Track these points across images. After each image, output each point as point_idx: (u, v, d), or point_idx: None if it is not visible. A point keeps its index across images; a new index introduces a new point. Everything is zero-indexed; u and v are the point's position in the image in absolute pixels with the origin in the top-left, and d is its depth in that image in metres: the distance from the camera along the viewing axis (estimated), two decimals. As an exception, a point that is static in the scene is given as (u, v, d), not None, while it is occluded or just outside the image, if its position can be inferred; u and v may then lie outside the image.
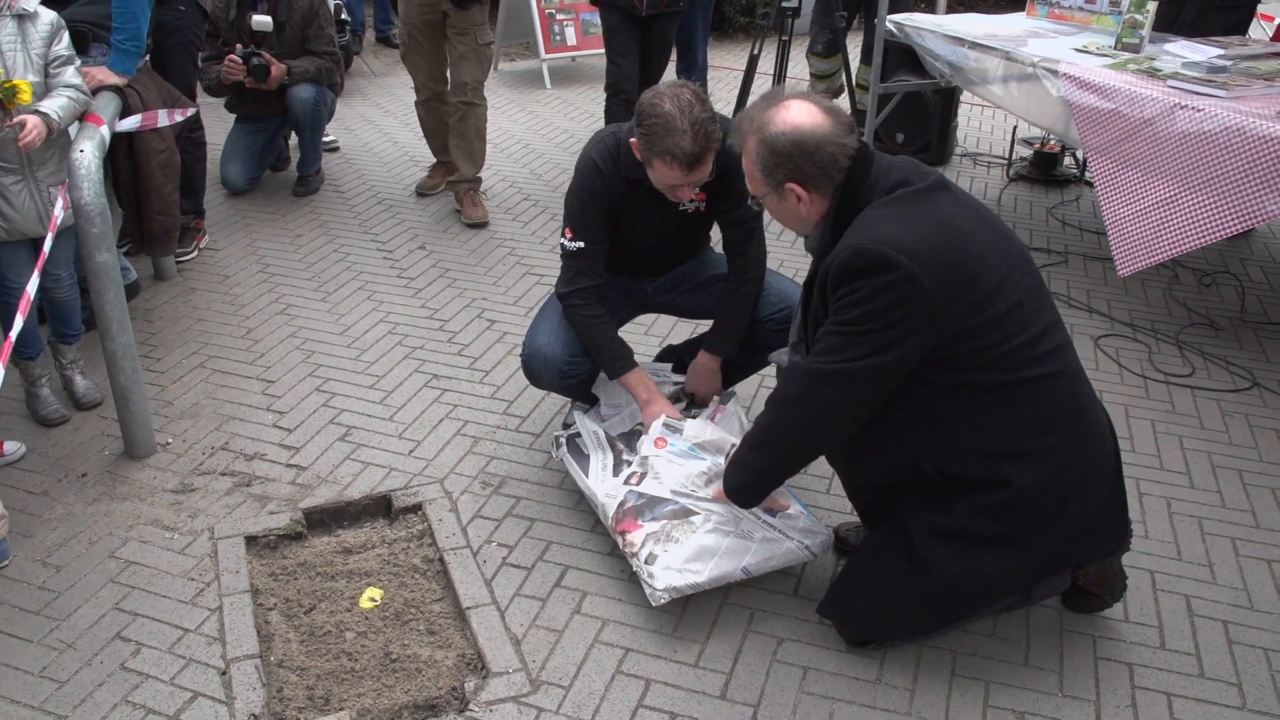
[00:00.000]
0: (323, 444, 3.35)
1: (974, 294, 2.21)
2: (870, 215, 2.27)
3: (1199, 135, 3.72)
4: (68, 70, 3.21)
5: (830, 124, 2.33)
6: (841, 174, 2.32)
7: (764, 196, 2.43)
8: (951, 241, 2.22)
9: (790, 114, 2.34)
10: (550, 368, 3.06)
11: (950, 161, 6.02)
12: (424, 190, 5.44)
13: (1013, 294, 2.25)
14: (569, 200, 3.03)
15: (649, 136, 2.73)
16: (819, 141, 2.30)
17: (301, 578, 2.83)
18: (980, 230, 2.31)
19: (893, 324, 2.19)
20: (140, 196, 3.82)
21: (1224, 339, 4.13)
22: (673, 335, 3.99)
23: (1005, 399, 2.29)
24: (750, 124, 2.39)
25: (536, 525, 2.99)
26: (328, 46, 5.24)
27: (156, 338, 3.95)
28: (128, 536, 2.92)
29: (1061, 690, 2.48)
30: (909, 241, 2.18)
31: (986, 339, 2.24)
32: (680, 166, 2.71)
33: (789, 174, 2.33)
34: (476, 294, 4.35)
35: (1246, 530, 3.05)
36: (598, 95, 7.23)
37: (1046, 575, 2.55)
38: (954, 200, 2.33)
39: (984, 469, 2.34)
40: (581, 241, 2.98)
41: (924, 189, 2.30)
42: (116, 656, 2.52)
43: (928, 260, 2.16)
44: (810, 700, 2.43)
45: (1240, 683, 2.53)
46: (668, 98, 2.72)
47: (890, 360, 2.22)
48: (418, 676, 2.52)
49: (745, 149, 2.41)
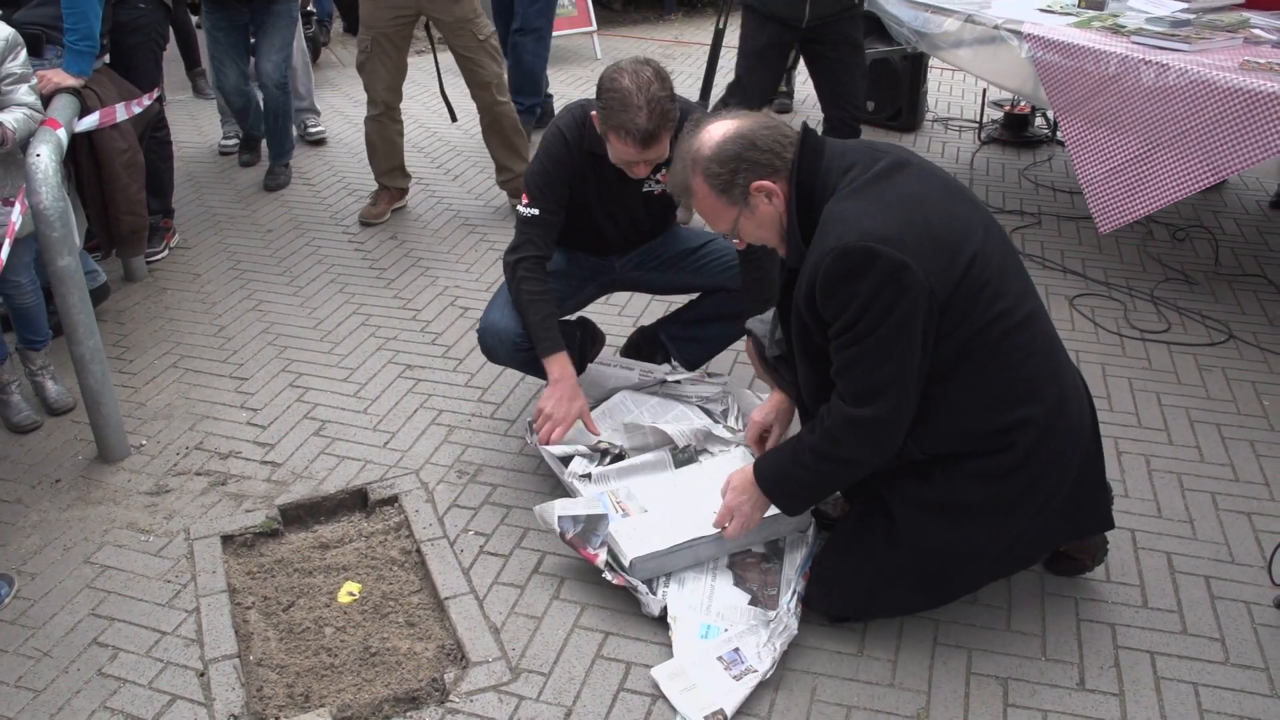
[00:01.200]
0: (297, 439, 3.32)
1: (956, 268, 2.18)
2: (839, 209, 2.22)
3: (1165, 90, 3.71)
4: (21, 88, 3.17)
5: (752, 119, 2.33)
6: (792, 152, 2.28)
7: (736, 222, 2.36)
8: (926, 219, 2.18)
9: (713, 129, 2.32)
10: (503, 341, 3.04)
11: (921, 127, 5.99)
12: (368, 220, 4.86)
13: (989, 264, 2.22)
14: (530, 167, 3.02)
15: (605, 110, 2.72)
16: (753, 133, 2.28)
17: (279, 575, 2.81)
18: (949, 202, 2.27)
19: (902, 323, 2.14)
20: (106, 198, 3.78)
21: (1199, 293, 4.12)
22: (645, 316, 3.96)
23: (988, 372, 2.26)
24: (684, 166, 2.34)
25: (513, 512, 2.98)
26: None
27: (128, 339, 3.91)
28: (103, 541, 2.90)
29: (1044, 654, 2.48)
30: (891, 230, 2.13)
31: (971, 311, 2.20)
32: (634, 143, 2.70)
33: (747, 173, 2.27)
34: (450, 282, 4.32)
35: (1226, 484, 3.04)
36: (566, 76, 7.20)
37: (1030, 554, 2.55)
38: (917, 176, 2.29)
39: (970, 444, 2.33)
40: (536, 209, 2.96)
41: (883, 170, 2.26)
42: (93, 662, 2.50)
43: (910, 244, 2.12)
44: (792, 676, 2.42)
45: (1223, 637, 2.53)
46: (627, 73, 2.70)
47: (915, 364, 2.19)
48: (398, 669, 2.50)
49: (695, 192, 2.35)
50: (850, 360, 2.22)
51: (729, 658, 2.40)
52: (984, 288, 2.21)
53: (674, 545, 2.59)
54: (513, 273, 2.97)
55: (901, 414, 2.24)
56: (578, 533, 2.66)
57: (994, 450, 2.31)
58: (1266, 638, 2.52)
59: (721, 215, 2.36)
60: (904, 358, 2.18)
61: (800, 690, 2.39)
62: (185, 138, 5.94)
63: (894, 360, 2.18)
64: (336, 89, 7.04)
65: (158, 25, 4.33)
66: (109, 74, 3.91)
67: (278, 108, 5.21)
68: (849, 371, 2.24)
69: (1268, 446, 3.21)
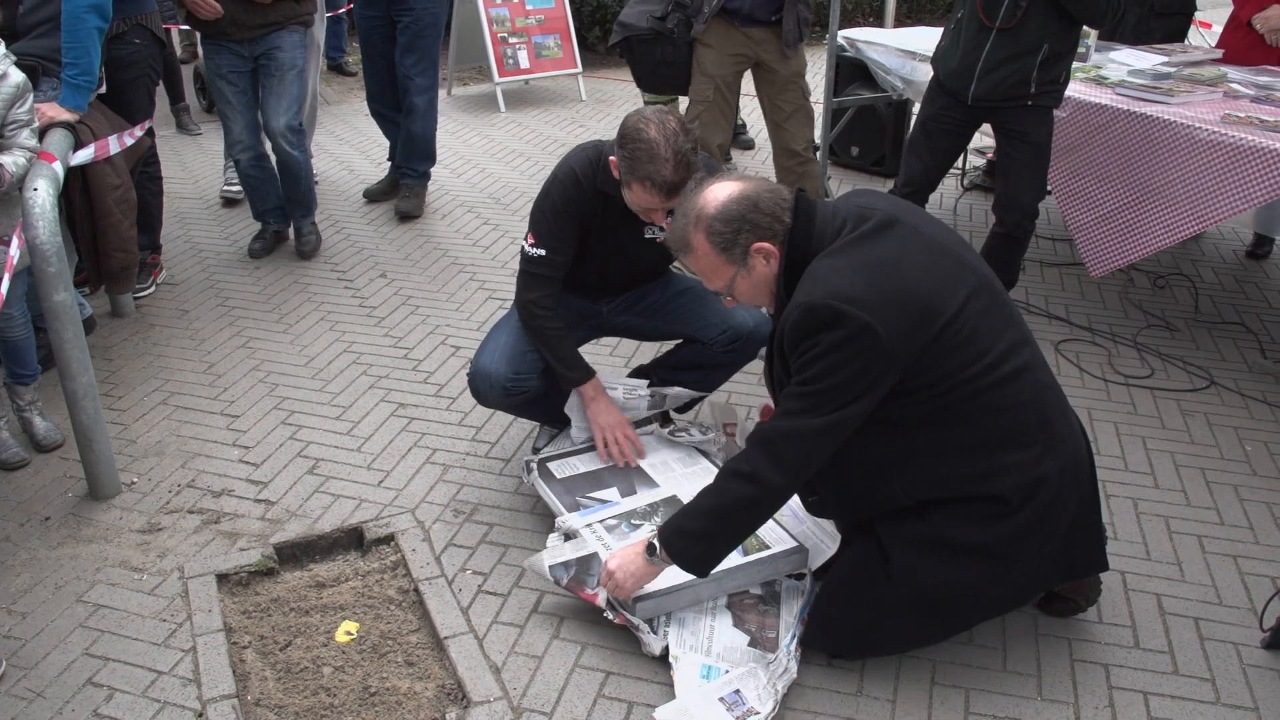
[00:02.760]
0: (291, 477, 3.31)
1: (930, 329, 2.23)
2: (817, 268, 2.28)
3: (1151, 141, 3.81)
4: (24, 133, 3.18)
5: (752, 183, 2.40)
6: (788, 217, 2.34)
7: (732, 280, 2.41)
8: (902, 282, 2.24)
9: (717, 190, 2.38)
10: (494, 386, 3.05)
11: (904, 173, 6.08)
12: None
13: (969, 321, 2.28)
14: (541, 205, 3.01)
15: (631, 160, 2.74)
16: (756, 195, 2.35)
17: (275, 614, 2.79)
18: (933, 261, 2.32)
19: (854, 376, 2.21)
20: (97, 234, 3.77)
21: (1180, 339, 4.20)
22: (638, 356, 3.99)
23: (971, 422, 2.32)
24: (687, 223, 2.40)
25: (511, 551, 2.98)
26: None
27: (116, 375, 3.89)
28: (95, 579, 2.88)
29: (1040, 694, 2.50)
30: (858, 291, 2.20)
31: (947, 368, 2.27)
32: (659, 193, 2.74)
33: (749, 235, 2.34)
34: (440, 320, 4.34)
35: (1211, 528, 3.10)
36: (551, 118, 7.27)
37: (1025, 594, 2.58)
38: (904, 234, 2.33)
39: (959, 490, 2.37)
40: (544, 249, 2.97)
41: (868, 231, 2.32)
42: (89, 703, 2.48)
43: (877, 307, 2.18)
44: (794, 716, 2.43)
45: (1214, 678, 2.56)
46: (654, 124, 2.74)
47: (857, 410, 2.26)
48: (398, 709, 2.49)
49: (694, 249, 2.40)
50: (793, 394, 2.30)
51: (730, 699, 2.41)
52: (961, 347, 2.27)
53: (674, 585, 2.60)
54: (530, 315, 3.01)
55: (812, 440, 2.28)
56: (572, 577, 2.67)
57: (982, 496, 2.36)
58: (1255, 679, 2.56)
59: (719, 273, 2.41)
60: (841, 404, 2.25)
61: (802, 731, 2.40)
62: (170, 173, 5.92)
63: (830, 403, 2.25)
64: (321, 126, 7.05)
65: (152, 60, 4.34)
66: (100, 108, 3.91)
67: (292, 164, 4.74)
68: (787, 401, 2.31)
69: (1250, 491, 3.27)
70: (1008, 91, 3.76)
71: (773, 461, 2.31)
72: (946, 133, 4.02)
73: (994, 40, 3.70)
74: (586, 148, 3.02)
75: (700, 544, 2.43)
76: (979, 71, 3.76)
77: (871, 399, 2.25)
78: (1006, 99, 3.78)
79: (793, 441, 2.29)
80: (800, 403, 2.27)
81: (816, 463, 2.32)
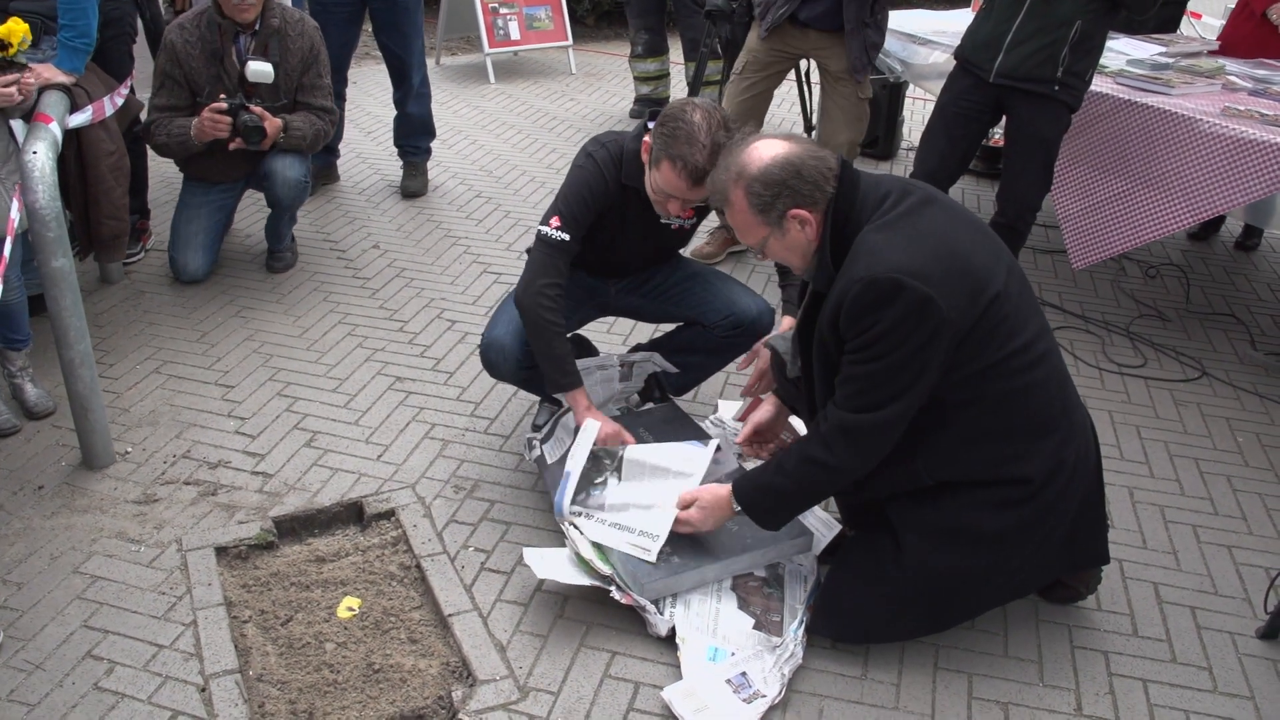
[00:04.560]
0: (288, 450, 3.28)
1: (979, 303, 2.24)
2: (870, 240, 2.27)
3: (1150, 132, 3.81)
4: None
5: (801, 146, 2.36)
6: (832, 187, 2.33)
7: (765, 240, 2.40)
8: (955, 254, 2.25)
9: (763, 148, 2.35)
10: (508, 358, 3.04)
11: (897, 156, 6.09)
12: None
13: (1008, 301, 2.29)
14: (568, 190, 2.94)
15: (669, 137, 2.71)
16: (801, 160, 2.32)
17: (275, 588, 2.77)
18: (975, 239, 2.34)
19: (918, 350, 2.21)
20: (89, 201, 3.71)
21: (1172, 329, 4.23)
22: (635, 334, 3.98)
23: (1003, 405, 2.34)
24: (727, 177, 2.37)
25: (513, 529, 2.97)
26: (325, 100, 4.23)
27: (107, 343, 3.84)
28: (91, 550, 2.84)
29: (1042, 680, 2.53)
30: (917, 263, 2.19)
31: (988, 346, 2.28)
32: (686, 177, 2.71)
33: (788, 200, 2.32)
34: (435, 294, 4.30)
35: (1206, 517, 3.13)
36: (541, 90, 7.22)
37: (1030, 583, 2.61)
38: (946, 212, 2.35)
39: (982, 473, 2.39)
40: (568, 234, 2.90)
41: (914, 204, 2.32)
42: (89, 676, 2.45)
43: (938, 280, 2.19)
44: (799, 698, 2.45)
45: (1210, 667, 2.60)
46: (701, 110, 2.72)
47: (923, 386, 2.26)
48: (402, 686, 2.48)
49: (732, 204, 2.38)
50: (859, 374, 2.29)
51: (737, 681, 2.42)
52: (1001, 324, 2.28)
53: (684, 568, 2.60)
54: (536, 304, 2.87)
55: (894, 427, 2.31)
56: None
57: (1004, 481, 2.37)
58: (1251, 667, 2.60)
59: (753, 231, 2.40)
60: (911, 381, 2.25)
61: (807, 712, 2.41)
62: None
63: (900, 382, 2.25)
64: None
65: (129, 18, 4.22)
66: (94, 69, 3.82)
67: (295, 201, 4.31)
68: (854, 383, 2.30)
69: (1243, 482, 3.31)
70: (1033, 70, 3.69)
71: (857, 454, 2.35)
72: (965, 118, 3.96)
73: (1028, 10, 3.66)
74: (606, 140, 2.97)
75: (776, 514, 2.54)
76: (1008, 44, 3.71)
77: (934, 373, 2.25)
78: (1030, 79, 3.71)
79: (875, 433, 2.31)
80: (870, 384, 2.27)
81: (890, 446, 2.36)
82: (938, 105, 4.06)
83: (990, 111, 3.95)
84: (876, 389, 2.27)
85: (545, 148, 6.05)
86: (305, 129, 4.13)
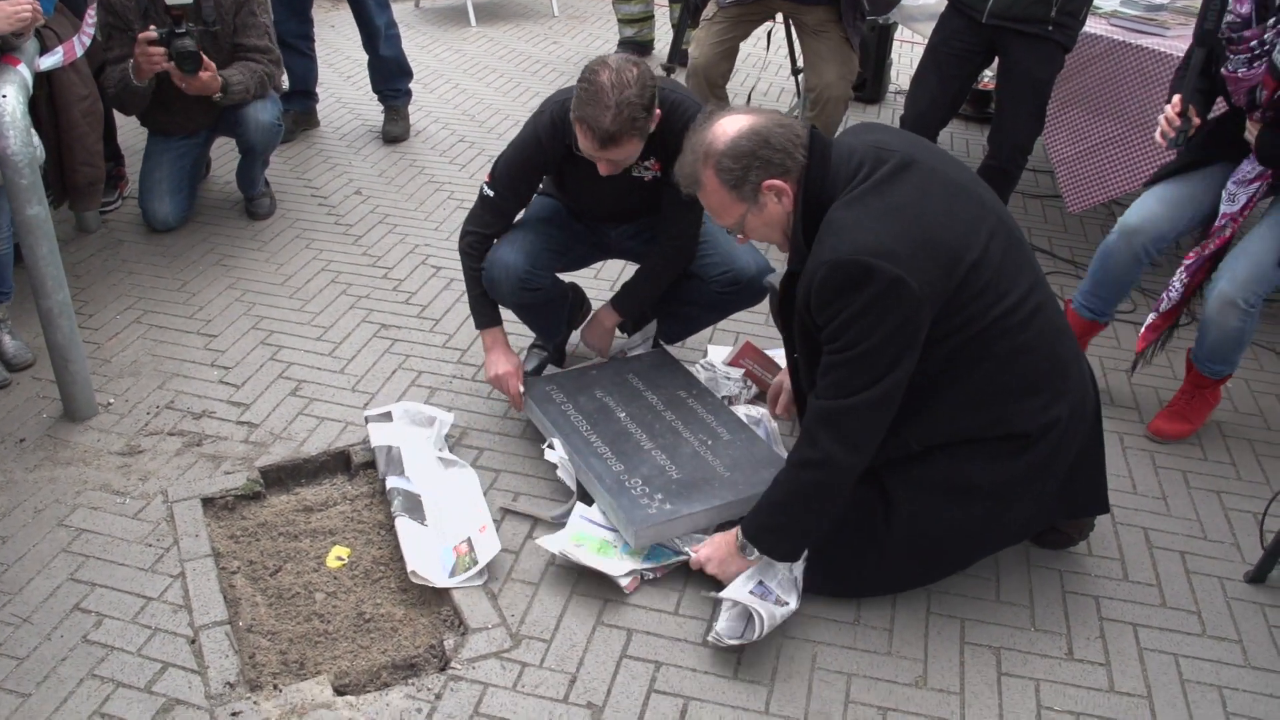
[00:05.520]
0: (273, 399, 3.24)
1: (955, 275, 2.19)
2: (838, 219, 2.21)
3: (1145, 74, 3.77)
4: None
5: (766, 116, 2.31)
6: (803, 154, 2.27)
7: (743, 218, 2.34)
8: (926, 228, 2.18)
9: (727, 124, 2.29)
10: (510, 275, 3.00)
11: (885, 99, 6.02)
12: None
13: (991, 263, 2.24)
14: (506, 150, 2.99)
15: (577, 99, 2.68)
16: (768, 129, 2.26)
17: (264, 539, 2.75)
18: (953, 203, 2.26)
19: (893, 333, 2.15)
20: (63, 147, 3.62)
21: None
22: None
23: (992, 371, 2.30)
24: (695, 158, 2.31)
25: (502, 476, 2.95)
26: (261, 39, 4.07)
27: (86, 293, 3.77)
28: (76, 503, 2.81)
29: (1034, 625, 2.54)
30: (885, 243, 2.13)
31: (968, 316, 2.23)
32: (593, 139, 2.66)
33: (760, 172, 2.25)
34: (419, 239, 4.24)
35: (1195, 463, 3.14)
36: (524, 33, 7.09)
37: (1024, 532, 2.61)
38: (923, 176, 2.27)
39: (974, 434, 2.37)
40: (493, 191, 2.97)
41: (886, 175, 2.24)
42: (77, 629, 2.43)
43: (906, 258, 2.13)
44: (792, 644, 2.45)
45: (1200, 610, 2.61)
46: (609, 69, 2.65)
47: (906, 367, 2.20)
48: (394, 635, 2.47)
49: (704, 185, 2.32)
50: (837, 364, 2.23)
51: (758, 590, 2.42)
52: (983, 292, 2.23)
53: (675, 514, 2.60)
54: (461, 243, 3.06)
55: (879, 412, 2.24)
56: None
57: (995, 439, 2.36)
58: (1239, 611, 2.61)
59: (729, 210, 2.34)
60: (890, 365, 2.19)
61: (801, 658, 2.41)
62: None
63: (878, 367, 2.19)
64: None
65: None
66: (62, 9, 3.73)
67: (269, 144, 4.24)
68: (834, 372, 2.24)
69: (1232, 427, 3.31)
70: (1026, 10, 3.63)
71: (840, 441, 2.25)
72: (957, 59, 3.88)
73: None
74: (558, 100, 2.93)
75: (788, 538, 2.40)
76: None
77: (915, 352, 2.19)
78: (1024, 18, 3.64)
79: (856, 417, 2.23)
80: (847, 371, 2.20)
81: (882, 431, 2.27)
82: (929, 46, 4.00)
83: (982, 53, 3.88)
84: (854, 376, 2.20)
85: (528, 91, 5.95)
86: (246, 80, 3.97)
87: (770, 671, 2.38)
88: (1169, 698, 2.37)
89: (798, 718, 2.28)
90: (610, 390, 3.05)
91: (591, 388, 3.06)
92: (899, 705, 2.32)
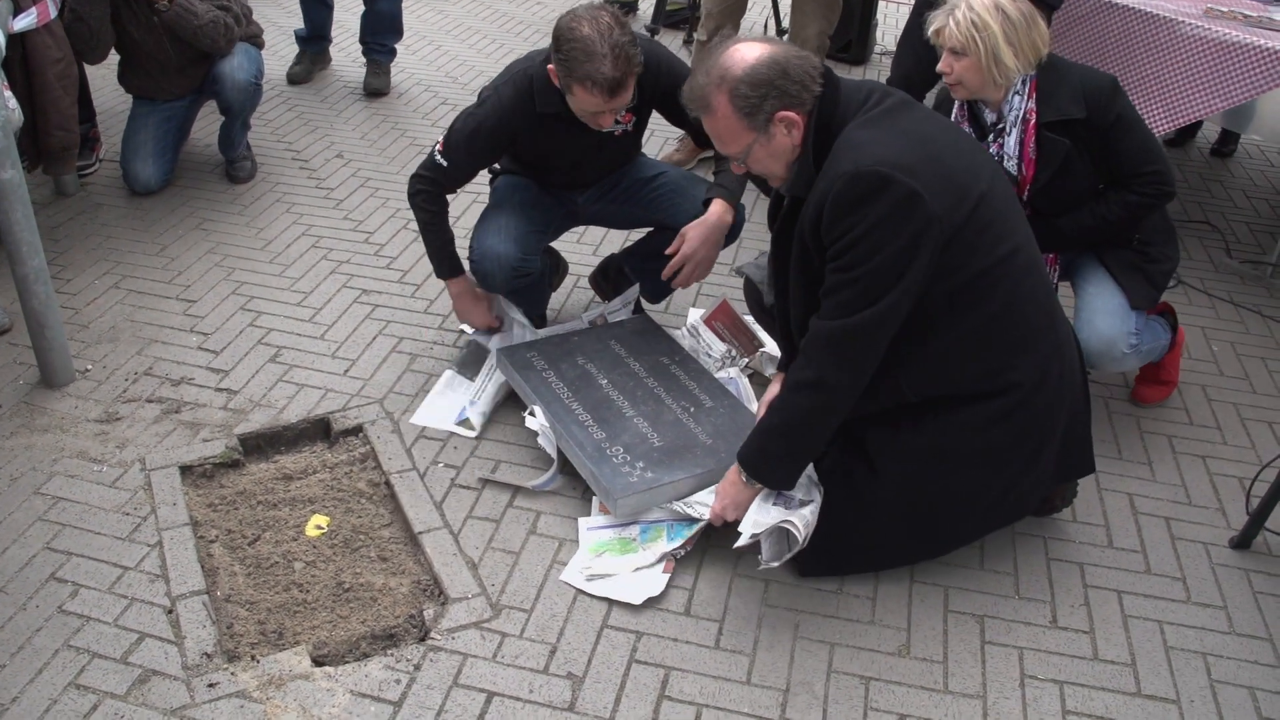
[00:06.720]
0: (253, 366, 3.20)
1: (965, 203, 2.17)
2: (853, 137, 2.18)
3: (1130, 34, 3.72)
4: None
5: (783, 47, 2.27)
6: (819, 86, 2.23)
7: (750, 147, 2.28)
8: (939, 155, 2.18)
9: (745, 50, 2.24)
10: (503, 266, 2.98)
11: (870, 60, 5.95)
12: None
13: (993, 204, 2.22)
14: (458, 123, 2.94)
15: (568, 63, 2.63)
16: (787, 59, 2.21)
17: (242, 507, 2.72)
18: (959, 140, 2.28)
19: (903, 249, 2.12)
20: (36, 110, 3.57)
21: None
22: (606, 244, 3.89)
23: (991, 316, 2.27)
24: (709, 81, 2.24)
25: (483, 444, 2.92)
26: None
27: (64, 258, 3.72)
28: (53, 471, 2.77)
29: (1018, 592, 2.53)
30: (904, 158, 2.12)
31: (975, 251, 2.21)
32: (601, 92, 2.63)
33: (776, 102, 2.20)
34: (401, 204, 4.18)
35: (1181, 428, 3.12)
36: (510, -7, 6.97)
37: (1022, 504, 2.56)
38: (927, 113, 2.29)
39: (966, 387, 2.33)
40: (446, 161, 2.92)
41: (895, 104, 2.24)
42: (53, 599, 2.40)
43: (924, 175, 2.11)
44: (774, 613, 2.43)
45: (1184, 577, 2.60)
46: (586, 20, 2.62)
47: (907, 288, 2.16)
48: (373, 605, 2.45)
49: (713, 110, 2.25)
50: (844, 281, 2.18)
51: (780, 502, 2.40)
52: (988, 228, 2.21)
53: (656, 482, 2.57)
54: (413, 197, 3.01)
55: (879, 331, 2.20)
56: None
57: (988, 394, 2.33)
58: (1224, 577, 2.61)
59: (737, 138, 2.28)
60: (894, 282, 2.15)
61: (783, 627, 2.40)
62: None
63: (884, 283, 2.15)
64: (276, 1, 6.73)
65: None
66: (34, -30, 3.65)
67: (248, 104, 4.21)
68: (840, 291, 2.19)
69: (1218, 391, 3.30)
70: None
71: (837, 361, 2.22)
72: None
73: None
74: (515, 74, 2.89)
75: (784, 464, 2.38)
76: None
77: (918, 275, 2.15)
78: None
79: (854, 336, 2.19)
80: (852, 291, 2.16)
81: (878, 354, 2.24)
82: (915, 6, 3.93)
83: None
84: (861, 293, 2.16)
85: (513, 54, 5.86)
86: (197, 8, 3.91)
87: (752, 641, 2.36)
88: (1153, 665, 2.36)
89: (780, 687, 2.27)
90: (592, 357, 3.02)
91: (573, 354, 3.03)
92: (882, 674, 2.31)
